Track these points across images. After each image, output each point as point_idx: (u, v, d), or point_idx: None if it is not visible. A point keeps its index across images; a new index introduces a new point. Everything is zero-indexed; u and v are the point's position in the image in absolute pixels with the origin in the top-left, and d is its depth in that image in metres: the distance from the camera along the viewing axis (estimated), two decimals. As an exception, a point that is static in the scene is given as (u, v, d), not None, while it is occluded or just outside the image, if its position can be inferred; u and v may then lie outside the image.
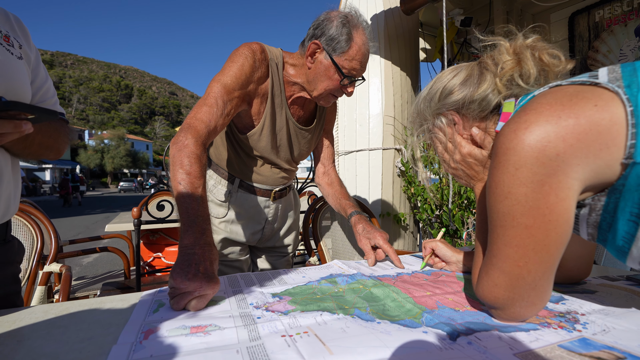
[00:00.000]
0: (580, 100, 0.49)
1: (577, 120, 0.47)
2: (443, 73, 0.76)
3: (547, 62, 0.64)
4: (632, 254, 0.50)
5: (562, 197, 0.49)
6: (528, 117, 0.50)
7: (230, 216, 1.20)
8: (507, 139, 0.51)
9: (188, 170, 0.79)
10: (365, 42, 1.00)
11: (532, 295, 0.54)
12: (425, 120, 0.79)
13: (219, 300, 0.68)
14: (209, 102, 0.91)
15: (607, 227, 0.52)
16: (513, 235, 0.52)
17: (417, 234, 3.17)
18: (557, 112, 0.49)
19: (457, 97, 0.71)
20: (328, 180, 1.32)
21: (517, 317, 0.57)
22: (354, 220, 1.14)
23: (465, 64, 0.75)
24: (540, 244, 0.51)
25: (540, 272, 0.52)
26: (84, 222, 9.91)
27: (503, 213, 0.52)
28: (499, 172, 0.52)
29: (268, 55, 1.05)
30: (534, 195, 0.49)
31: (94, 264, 4.90)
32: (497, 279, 0.55)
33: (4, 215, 0.72)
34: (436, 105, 0.75)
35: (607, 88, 0.48)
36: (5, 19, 0.73)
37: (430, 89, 0.76)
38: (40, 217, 1.51)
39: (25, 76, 0.71)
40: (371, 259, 0.99)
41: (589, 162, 0.47)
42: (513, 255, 0.53)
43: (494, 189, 0.53)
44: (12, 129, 0.55)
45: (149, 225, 1.71)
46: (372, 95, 3.01)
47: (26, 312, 0.62)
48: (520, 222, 0.51)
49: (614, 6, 2.28)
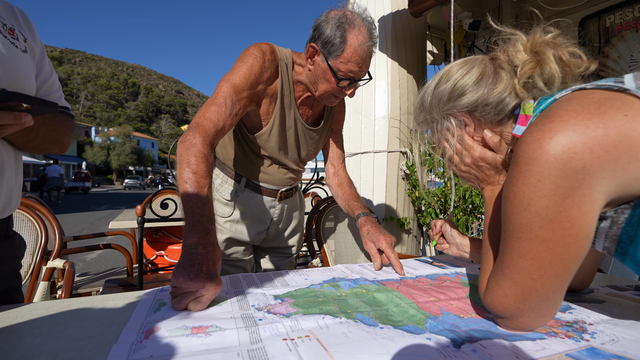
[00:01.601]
0: (609, 109, 0.45)
1: (606, 130, 0.44)
2: (451, 68, 0.69)
3: (567, 61, 0.59)
4: None
5: (585, 210, 0.46)
6: (553, 125, 0.47)
7: (235, 215, 1.20)
8: (530, 148, 0.48)
9: (195, 169, 0.79)
10: (363, 41, 0.95)
11: (543, 307, 0.53)
12: (433, 120, 0.73)
13: (221, 300, 0.67)
14: (217, 101, 0.91)
15: (629, 241, 0.49)
16: (529, 247, 0.50)
17: (420, 238, 3.15)
18: (585, 121, 0.45)
19: (471, 98, 0.65)
20: (338, 181, 1.30)
21: (525, 327, 0.55)
22: (361, 222, 1.12)
23: (475, 59, 0.68)
24: (558, 258, 0.49)
25: (554, 286, 0.51)
26: (88, 218, 9.99)
27: (520, 224, 0.50)
28: (520, 182, 0.49)
29: (278, 55, 1.04)
30: (556, 208, 0.47)
31: (97, 260, 4.92)
32: (507, 290, 0.54)
33: (4, 209, 0.72)
34: (446, 106, 0.68)
35: (637, 96, 0.45)
36: (10, 13, 0.73)
37: (438, 86, 0.70)
38: (44, 213, 1.51)
39: (29, 69, 0.71)
40: (377, 263, 0.97)
41: (616, 176, 0.45)
42: (528, 267, 0.51)
43: (512, 199, 0.51)
44: (12, 120, 0.55)
45: (153, 223, 1.71)
46: (378, 97, 3.00)
47: (27, 309, 0.62)
48: (538, 234, 0.49)
49: (625, 11, 2.26)
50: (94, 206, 14.45)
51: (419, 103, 0.75)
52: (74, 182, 28.62)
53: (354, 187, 1.30)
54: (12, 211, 0.76)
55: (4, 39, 0.66)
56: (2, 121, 0.53)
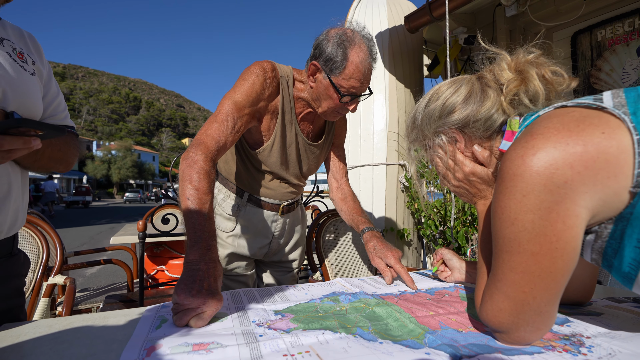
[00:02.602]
0: (588, 127, 0.48)
1: (585, 147, 0.47)
2: (440, 87, 0.72)
3: (550, 79, 0.63)
4: (638, 280, 0.50)
5: (570, 224, 0.48)
6: (535, 142, 0.49)
7: (238, 230, 1.21)
8: (514, 165, 0.50)
9: (197, 185, 0.80)
10: (364, 58, 0.99)
11: (537, 320, 0.54)
12: (425, 137, 0.76)
13: (222, 316, 0.68)
14: (219, 118, 0.93)
15: (613, 254, 0.51)
16: (519, 261, 0.51)
17: (421, 249, 3.14)
18: (565, 138, 0.48)
19: (460, 115, 0.68)
20: (341, 195, 1.32)
21: (521, 341, 0.56)
22: (366, 238, 1.12)
23: (463, 78, 0.72)
24: (547, 271, 0.50)
25: (546, 299, 0.52)
26: (89, 232, 9.96)
27: (509, 239, 0.52)
28: (506, 197, 0.51)
29: (279, 73, 1.07)
30: (541, 222, 0.49)
31: (98, 275, 4.89)
32: (501, 304, 0.55)
33: (11, 227, 0.73)
34: (437, 123, 0.71)
35: (613, 114, 0.48)
36: (20, 37, 0.76)
37: (428, 105, 0.73)
38: (46, 229, 1.52)
39: (37, 92, 0.73)
40: (388, 277, 0.97)
41: (596, 190, 0.47)
42: (519, 281, 0.52)
43: (500, 214, 0.53)
44: (22, 145, 0.57)
45: (154, 238, 1.72)
46: (376, 111, 3.04)
47: (30, 327, 0.63)
48: (526, 248, 0.50)
49: (616, 26, 2.31)
50: (94, 220, 14.42)
51: (411, 122, 0.77)
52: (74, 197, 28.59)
53: (357, 201, 1.30)
54: (18, 229, 0.77)
55: (14, 62, 0.68)
56: (13, 146, 0.55)
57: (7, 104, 0.65)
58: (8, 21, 0.75)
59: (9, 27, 0.74)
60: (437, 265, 0.99)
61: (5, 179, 0.70)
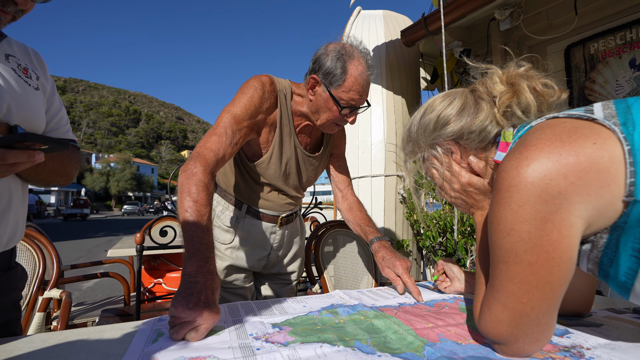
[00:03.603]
0: (579, 138, 0.49)
1: (577, 158, 0.48)
2: (434, 100, 0.74)
3: (541, 91, 0.64)
4: (635, 290, 0.50)
5: (565, 234, 0.49)
6: (529, 153, 0.50)
7: (236, 242, 1.21)
8: (509, 176, 0.51)
9: (195, 198, 0.81)
10: (363, 71, 1.02)
11: (535, 331, 0.53)
12: (420, 149, 0.77)
13: (219, 330, 0.67)
14: (218, 131, 0.94)
15: (609, 263, 0.51)
16: (516, 271, 0.52)
17: (420, 261, 3.12)
18: (558, 149, 0.49)
19: (454, 127, 0.69)
20: (347, 206, 1.31)
21: (521, 353, 0.56)
22: (375, 248, 1.12)
23: (457, 91, 0.73)
24: (544, 281, 0.50)
25: (544, 309, 0.52)
26: (86, 245, 9.88)
27: (506, 249, 0.52)
28: (502, 208, 0.52)
29: (277, 87, 1.09)
30: (537, 232, 0.49)
31: (94, 288, 4.83)
32: (499, 315, 0.54)
33: (10, 240, 0.73)
34: (432, 135, 0.73)
35: (604, 125, 0.49)
36: (25, 53, 0.78)
37: (423, 117, 0.74)
38: (43, 242, 1.51)
39: (40, 106, 0.75)
40: (400, 286, 0.98)
41: (590, 200, 0.47)
42: (516, 291, 0.52)
43: (496, 225, 0.53)
44: (26, 158, 0.57)
45: (152, 251, 1.71)
46: (374, 122, 3.07)
47: (25, 341, 0.62)
48: (523, 258, 0.51)
49: (608, 39, 2.36)
50: (92, 233, 14.32)
51: (406, 134, 0.79)
52: (72, 209, 28.46)
53: (364, 211, 1.30)
54: (17, 242, 0.77)
55: (19, 78, 0.70)
56: (17, 159, 0.56)
57: (11, 117, 0.66)
58: (14, 39, 0.77)
59: (15, 44, 0.76)
60: (437, 274, 0.99)
61: (6, 192, 0.71)
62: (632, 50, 2.26)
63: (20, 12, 0.66)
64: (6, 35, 0.74)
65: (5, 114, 0.65)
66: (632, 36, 2.26)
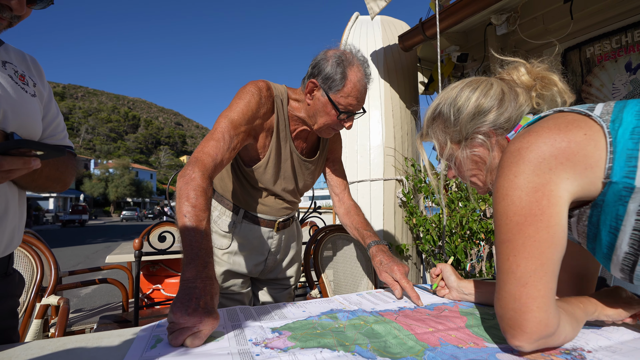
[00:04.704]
0: (574, 128, 0.58)
1: (568, 144, 0.56)
2: (461, 90, 0.77)
3: (561, 88, 0.74)
4: (613, 261, 0.58)
5: (554, 202, 0.56)
6: (530, 137, 0.59)
7: (233, 247, 1.20)
8: (512, 155, 0.59)
9: (194, 203, 0.81)
10: (361, 78, 1.04)
11: (523, 294, 0.55)
12: (461, 136, 0.77)
13: (218, 336, 0.67)
14: (216, 136, 0.94)
15: (593, 237, 0.60)
16: (505, 231, 0.58)
17: (420, 265, 3.11)
18: (554, 135, 0.57)
19: (497, 114, 0.73)
20: (344, 210, 1.31)
21: (516, 329, 0.56)
22: (373, 252, 1.12)
23: (479, 79, 0.77)
24: (530, 240, 0.55)
25: (530, 269, 0.55)
26: (84, 251, 9.83)
27: (500, 213, 0.59)
28: (501, 179, 0.60)
29: (273, 92, 1.09)
30: (527, 198, 0.56)
31: (92, 295, 4.80)
32: (498, 280, 0.60)
33: (7, 247, 0.73)
34: (473, 124, 0.74)
35: (595, 121, 0.58)
36: (22, 60, 0.78)
37: (458, 106, 0.76)
38: (41, 248, 1.51)
39: (37, 112, 0.75)
40: (398, 291, 0.97)
41: (576, 177, 0.56)
42: (504, 251, 0.58)
43: (495, 193, 0.60)
44: (22, 165, 0.57)
45: (150, 256, 1.70)
46: (372, 127, 3.08)
47: (22, 348, 0.61)
48: (512, 219, 0.57)
49: (603, 43, 2.38)
50: (90, 239, 14.25)
51: (445, 118, 0.79)
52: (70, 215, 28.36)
53: (362, 214, 1.29)
54: (14, 249, 0.76)
55: (15, 84, 0.70)
56: (13, 166, 0.56)
57: (7, 124, 0.66)
58: (11, 45, 0.77)
59: (12, 51, 0.76)
60: (436, 282, 0.99)
61: (3, 198, 0.70)
62: (627, 53, 2.28)
63: (17, 18, 0.66)
64: (3, 42, 0.74)
65: (2, 120, 0.65)
66: (627, 40, 2.28)
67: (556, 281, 0.57)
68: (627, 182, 0.52)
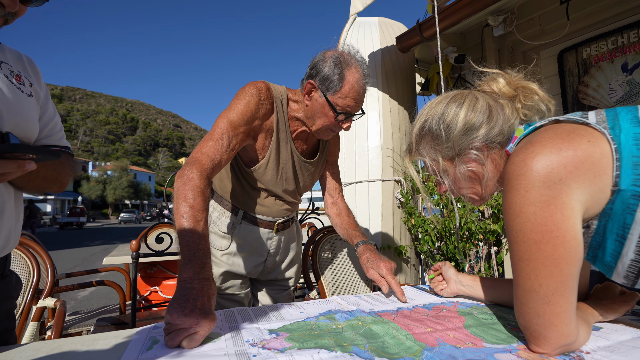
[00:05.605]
0: (577, 137, 0.58)
1: (575, 152, 0.56)
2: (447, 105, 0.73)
3: (542, 96, 0.73)
4: (617, 269, 0.59)
5: (567, 215, 0.55)
6: (535, 148, 0.58)
7: (232, 248, 1.20)
8: (517, 167, 0.59)
9: (191, 203, 0.80)
10: (359, 79, 1.03)
11: (547, 311, 0.56)
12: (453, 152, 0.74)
13: (215, 337, 0.67)
14: (214, 137, 0.94)
15: (597, 245, 0.60)
16: (524, 250, 0.57)
17: (419, 266, 3.11)
18: (559, 144, 0.57)
19: (488, 128, 0.70)
20: (336, 211, 1.33)
21: (540, 340, 0.57)
22: (360, 251, 1.14)
23: (463, 92, 0.74)
24: (549, 258, 0.55)
25: (552, 287, 0.55)
26: (82, 254, 9.79)
27: (515, 231, 0.58)
28: (512, 194, 0.59)
29: (273, 93, 1.09)
30: (542, 213, 0.55)
31: (90, 297, 4.78)
32: (515, 294, 0.60)
33: (3, 248, 0.73)
34: (465, 140, 0.71)
35: (595, 128, 0.58)
36: (18, 60, 0.77)
37: (447, 122, 0.72)
38: (38, 250, 1.50)
39: (34, 113, 0.74)
40: (385, 286, 0.99)
41: (586, 187, 0.55)
42: (524, 268, 0.58)
43: (507, 209, 0.60)
44: (15, 168, 0.57)
45: (148, 258, 1.69)
46: (370, 128, 3.08)
47: (17, 351, 0.61)
48: (529, 237, 0.56)
49: (600, 44, 2.40)
50: (88, 241, 14.20)
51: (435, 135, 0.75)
52: (68, 218, 28.25)
53: (352, 216, 1.32)
54: (11, 250, 0.76)
55: (11, 84, 0.69)
56: (6, 169, 0.55)
57: (3, 124, 0.65)
58: (7, 45, 0.77)
59: (8, 51, 0.76)
60: (433, 273, 1.00)
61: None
62: (623, 54, 2.30)
63: (11, 16, 0.65)
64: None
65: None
66: (623, 41, 2.29)
67: (576, 293, 0.58)
68: (635, 189, 0.53)
